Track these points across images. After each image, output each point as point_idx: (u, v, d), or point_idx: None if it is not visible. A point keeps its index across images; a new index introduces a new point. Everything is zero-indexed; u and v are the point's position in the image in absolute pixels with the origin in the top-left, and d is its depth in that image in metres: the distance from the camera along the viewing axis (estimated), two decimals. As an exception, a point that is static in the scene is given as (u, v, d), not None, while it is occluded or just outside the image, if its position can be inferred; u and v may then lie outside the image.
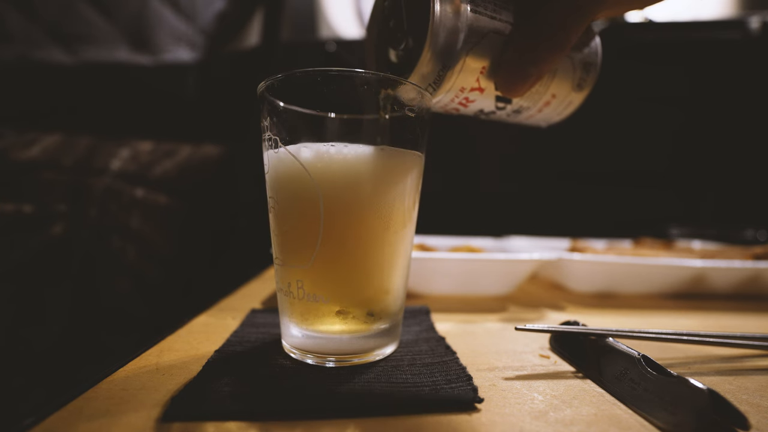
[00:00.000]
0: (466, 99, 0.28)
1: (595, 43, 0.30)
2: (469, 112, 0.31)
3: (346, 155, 0.25)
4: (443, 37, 0.24)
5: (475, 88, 0.27)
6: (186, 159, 0.92)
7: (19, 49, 0.96)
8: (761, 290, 0.56)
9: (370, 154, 0.26)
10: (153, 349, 0.30)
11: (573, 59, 0.29)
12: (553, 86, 0.29)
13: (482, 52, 0.26)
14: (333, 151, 0.25)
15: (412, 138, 0.28)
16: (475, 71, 0.26)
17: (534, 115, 0.32)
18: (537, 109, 0.31)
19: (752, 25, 0.92)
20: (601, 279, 0.54)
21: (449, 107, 0.30)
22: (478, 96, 0.28)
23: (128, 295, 0.78)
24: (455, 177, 1.03)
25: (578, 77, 0.30)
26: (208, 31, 1.07)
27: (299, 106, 0.27)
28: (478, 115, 0.31)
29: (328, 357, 0.27)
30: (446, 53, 0.25)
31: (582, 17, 0.24)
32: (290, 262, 0.27)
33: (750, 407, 0.23)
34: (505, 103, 0.29)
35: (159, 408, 0.21)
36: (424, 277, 0.49)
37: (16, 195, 0.76)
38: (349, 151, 0.25)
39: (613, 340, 0.28)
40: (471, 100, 0.29)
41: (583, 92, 0.31)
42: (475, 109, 0.30)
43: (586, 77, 0.30)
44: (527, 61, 0.25)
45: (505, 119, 0.32)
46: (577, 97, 0.31)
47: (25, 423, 0.19)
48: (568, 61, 0.29)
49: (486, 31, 0.25)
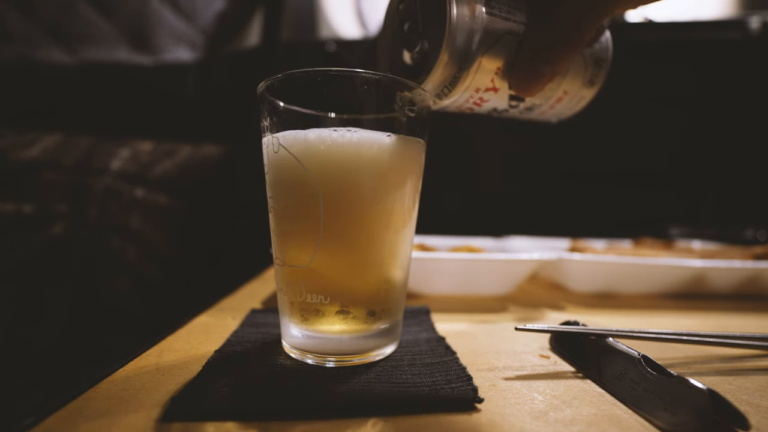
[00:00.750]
0: (480, 99, 0.29)
1: (605, 38, 0.30)
2: (483, 111, 0.31)
3: (344, 147, 0.25)
4: (460, 39, 0.25)
5: (489, 88, 0.28)
6: (186, 159, 0.92)
7: (19, 49, 0.96)
8: (761, 290, 0.56)
9: (370, 142, 0.26)
10: (153, 349, 0.30)
11: (585, 56, 0.29)
12: (566, 83, 0.30)
13: (497, 53, 0.26)
14: (335, 136, 0.25)
15: (413, 136, 0.28)
16: (490, 72, 0.26)
17: (546, 111, 0.32)
18: (549, 105, 0.31)
19: (752, 25, 0.92)
20: (601, 279, 0.54)
21: (464, 107, 0.30)
22: (492, 96, 0.28)
23: (128, 295, 0.78)
24: (455, 177, 1.03)
25: (590, 73, 0.30)
26: (208, 31, 1.07)
27: (299, 106, 0.27)
28: (491, 114, 0.32)
29: (328, 357, 0.27)
30: (463, 55, 0.25)
31: (596, 17, 0.25)
32: (290, 262, 0.27)
33: (750, 407, 0.23)
34: (518, 102, 0.30)
35: (159, 408, 0.21)
36: (424, 277, 0.49)
37: (16, 195, 0.76)
38: (346, 139, 0.25)
39: (613, 340, 0.28)
40: (485, 100, 0.29)
41: (594, 88, 0.31)
42: (488, 108, 0.30)
43: (598, 73, 0.30)
44: (542, 61, 0.26)
45: (518, 116, 0.33)
46: (588, 93, 0.31)
47: (25, 423, 0.19)
48: (580, 59, 0.29)
49: (501, 33, 0.25)
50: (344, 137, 0.25)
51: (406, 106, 0.26)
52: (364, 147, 0.25)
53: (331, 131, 0.25)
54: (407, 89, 0.26)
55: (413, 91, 0.26)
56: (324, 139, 0.25)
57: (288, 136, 0.26)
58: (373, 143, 0.26)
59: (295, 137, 0.26)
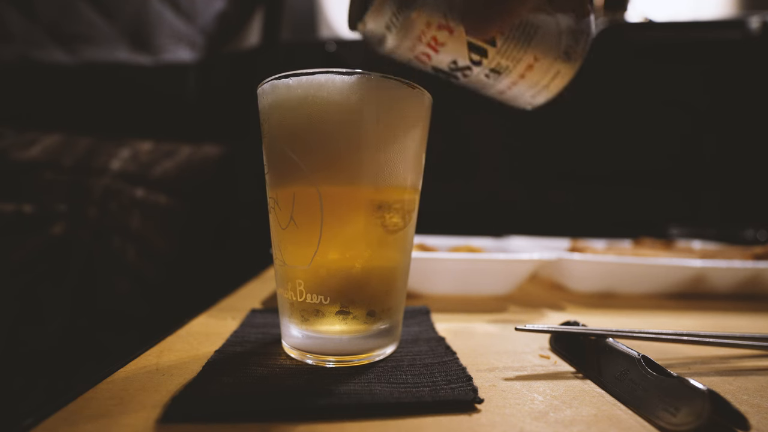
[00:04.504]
0: (434, 40, 0.27)
1: (588, 16, 0.28)
2: (442, 63, 0.29)
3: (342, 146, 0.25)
4: None
5: (442, 25, 0.26)
6: (186, 159, 0.92)
7: (19, 49, 0.96)
8: (761, 290, 0.56)
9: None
10: (153, 350, 0.30)
11: (558, 20, 0.27)
12: (535, 45, 0.27)
13: None
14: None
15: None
16: (440, 4, 0.25)
17: (516, 82, 0.29)
18: (518, 73, 0.29)
19: (752, 25, 0.92)
20: (601, 279, 0.54)
21: (418, 51, 0.28)
22: (447, 38, 0.27)
23: (128, 295, 0.78)
24: (455, 177, 1.03)
25: (565, 43, 0.28)
26: (208, 31, 1.07)
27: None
28: (454, 73, 0.29)
29: (328, 357, 0.27)
30: None
31: None
32: (290, 262, 0.27)
33: (750, 408, 0.23)
34: (480, 56, 0.28)
35: (159, 408, 0.21)
36: (424, 277, 0.49)
37: (16, 195, 0.76)
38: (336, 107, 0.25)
39: (613, 341, 0.28)
40: (440, 43, 0.27)
41: (571, 63, 0.29)
42: (447, 60, 0.28)
43: (575, 46, 0.28)
44: None
45: (486, 84, 0.30)
46: (564, 68, 0.29)
47: (25, 423, 0.19)
48: (552, 21, 0.27)
49: None
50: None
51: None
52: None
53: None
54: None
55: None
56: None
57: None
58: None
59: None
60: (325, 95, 0.25)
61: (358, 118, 0.25)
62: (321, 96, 0.25)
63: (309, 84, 0.25)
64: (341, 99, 0.25)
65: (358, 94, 0.25)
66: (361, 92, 0.25)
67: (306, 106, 0.25)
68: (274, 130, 0.27)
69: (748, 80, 0.96)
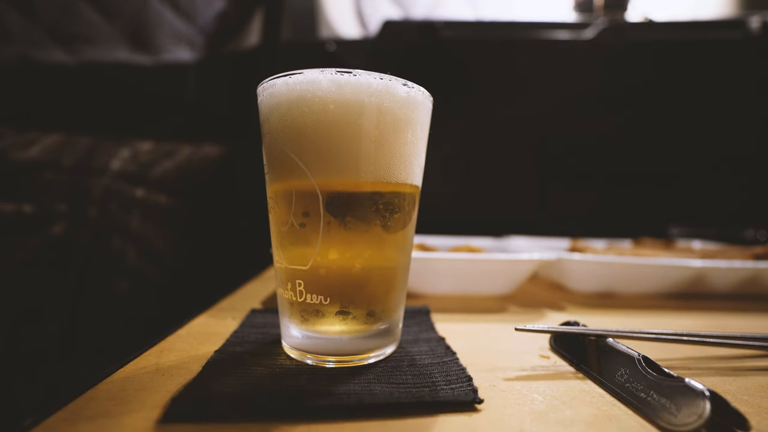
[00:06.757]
0: None
1: None
2: None
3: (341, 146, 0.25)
4: None
5: None
6: (186, 159, 0.92)
7: (19, 49, 0.96)
8: (761, 290, 0.55)
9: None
10: (153, 349, 0.30)
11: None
12: None
13: None
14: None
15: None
16: None
17: None
18: None
19: (752, 25, 0.92)
20: (601, 279, 0.54)
21: None
22: None
23: (128, 295, 0.78)
24: (455, 176, 1.03)
25: None
26: (208, 31, 1.07)
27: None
28: None
29: (328, 357, 0.27)
30: None
31: None
32: (290, 262, 0.27)
33: (750, 408, 0.23)
34: None
35: (159, 408, 0.21)
36: (424, 277, 0.49)
37: (16, 195, 0.76)
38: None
39: (613, 341, 0.28)
40: None
41: None
42: None
43: None
44: None
45: None
46: None
47: (25, 423, 0.19)
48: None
49: None
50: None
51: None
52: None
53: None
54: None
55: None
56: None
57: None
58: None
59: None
60: (324, 95, 0.25)
61: (358, 118, 0.25)
62: (321, 96, 0.25)
63: (309, 84, 0.25)
64: (341, 99, 0.25)
65: (358, 94, 0.25)
66: (361, 92, 0.25)
67: (306, 106, 0.25)
68: (274, 130, 0.27)
69: (748, 80, 0.96)
